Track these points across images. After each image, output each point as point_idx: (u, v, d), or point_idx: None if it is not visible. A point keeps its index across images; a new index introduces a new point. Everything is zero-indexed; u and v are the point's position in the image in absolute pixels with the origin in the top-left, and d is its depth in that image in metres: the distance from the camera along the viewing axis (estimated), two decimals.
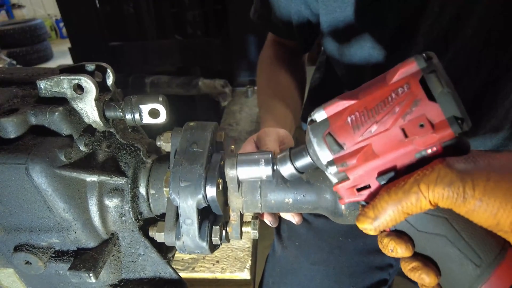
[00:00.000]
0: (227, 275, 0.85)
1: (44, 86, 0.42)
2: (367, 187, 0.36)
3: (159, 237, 0.45)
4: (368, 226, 0.35)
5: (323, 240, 0.80)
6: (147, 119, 0.44)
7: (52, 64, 5.78)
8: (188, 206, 0.42)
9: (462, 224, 0.33)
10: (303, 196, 0.46)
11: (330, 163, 0.36)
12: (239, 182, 0.45)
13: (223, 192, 0.46)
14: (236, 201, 0.46)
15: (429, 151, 0.33)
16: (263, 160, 0.43)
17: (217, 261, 0.87)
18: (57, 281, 0.47)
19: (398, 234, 0.36)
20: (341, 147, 0.36)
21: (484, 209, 0.29)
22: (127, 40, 2.35)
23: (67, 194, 0.41)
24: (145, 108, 0.44)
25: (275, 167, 0.43)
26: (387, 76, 0.35)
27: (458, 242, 0.33)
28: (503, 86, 0.73)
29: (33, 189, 0.40)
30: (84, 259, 0.43)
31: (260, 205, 0.46)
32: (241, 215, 0.48)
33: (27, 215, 0.42)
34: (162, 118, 0.44)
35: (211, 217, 0.46)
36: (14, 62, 3.61)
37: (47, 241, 0.43)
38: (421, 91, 0.33)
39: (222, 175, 0.44)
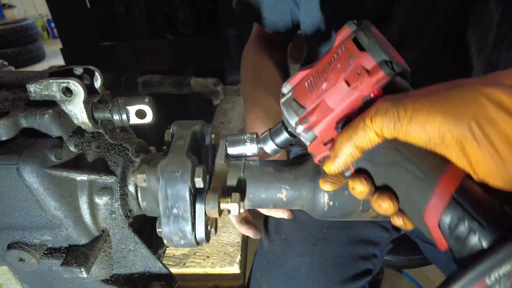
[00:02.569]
0: (217, 270, 0.87)
1: (34, 89, 0.43)
2: (331, 140, 0.42)
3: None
4: (331, 166, 0.40)
5: (308, 232, 0.82)
6: (134, 120, 0.46)
7: (44, 65, 5.74)
8: (182, 246, 0.46)
9: (408, 149, 0.36)
10: (283, 194, 0.48)
11: (297, 123, 0.43)
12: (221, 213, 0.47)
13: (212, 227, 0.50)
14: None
15: (372, 95, 0.39)
16: (249, 139, 0.50)
17: (208, 257, 0.89)
18: (50, 277, 0.49)
19: (356, 173, 0.40)
20: (303, 108, 0.42)
21: (415, 127, 0.33)
22: (119, 40, 2.35)
23: (58, 193, 0.43)
24: (132, 109, 0.45)
25: (259, 145, 0.50)
26: (333, 45, 0.42)
27: (407, 164, 0.36)
28: (479, 75, 0.75)
29: (24, 188, 0.41)
30: (75, 255, 0.45)
31: (242, 205, 0.49)
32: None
33: (20, 214, 0.43)
34: (149, 118, 0.46)
35: None
36: (6, 63, 3.59)
37: (39, 239, 0.45)
38: (354, 46, 0.39)
39: (207, 214, 0.45)
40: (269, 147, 0.50)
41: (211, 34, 2.34)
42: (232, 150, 0.50)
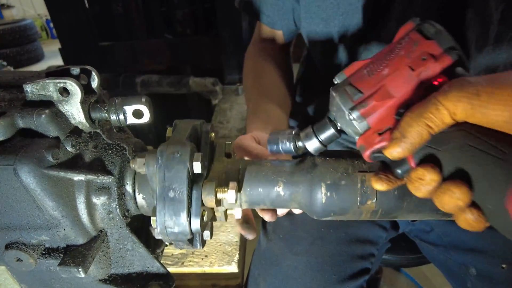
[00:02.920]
0: (215, 269, 0.87)
1: (31, 89, 0.43)
2: (388, 130, 0.39)
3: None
4: (397, 148, 0.36)
5: (305, 231, 0.83)
6: (131, 120, 0.46)
7: (43, 65, 5.73)
8: (178, 241, 0.44)
9: (481, 131, 0.34)
10: (280, 187, 0.48)
11: (352, 108, 0.40)
12: (218, 204, 0.46)
13: (208, 214, 0.47)
14: (219, 208, 0.48)
15: (436, 82, 0.37)
16: (289, 137, 0.49)
17: (206, 256, 0.90)
18: (48, 277, 0.49)
19: (422, 162, 0.37)
20: (360, 92, 0.40)
21: (495, 104, 0.31)
22: (117, 40, 2.35)
23: (55, 193, 0.43)
24: (129, 109, 0.45)
25: (297, 144, 0.48)
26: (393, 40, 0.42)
27: (480, 145, 0.33)
28: (478, 75, 0.75)
29: (22, 189, 0.41)
30: (73, 255, 0.45)
31: (240, 203, 0.49)
32: (225, 211, 0.50)
33: (17, 214, 0.43)
34: (146, 118, 0.46)
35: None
36: (5, 63, 3.58)
37: (37, 239, 0.45)
38: (419, 35, 0.39)
39: (203, 205, 0.45)
40: (313, 144, 0.46)
41: (209, 33, 2.34)
42: (271, 148, 0.49)
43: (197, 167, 0.43)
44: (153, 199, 0.49)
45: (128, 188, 0.49)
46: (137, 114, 0.46)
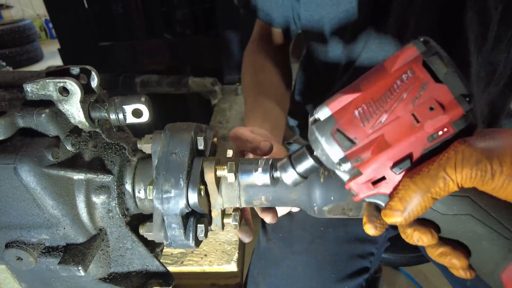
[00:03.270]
0: (215, 268, 0.87)
1: (31, 89, 0.43)
2: (382, 179, 0.35)
3: (149, 236, 0.48)
4: (398, 219, 0.34)
5: (305, 230, 0.83)
6: (130, 119, 0.46)
7: (42, 65, 5.73)
8: (172, 214, 0.43)
9: (486, 201, 0.33)
10: (278, 198, 0.48)
11: (343, 160, 0.35)
12: (218, 184, 0.47)
13: (206, 195, 0.47)
14: (217, 200, 0.48)
15: (440, 132, 0.33)
16: (260, 168, 0.45)
17: (205, 255, 0.90)
18: (48, 275, 0.49)
19: (420, 222, 0.35)
20: (352, 142, 0.35)
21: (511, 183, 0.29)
22: (117, 40, 2.35)
23: (55, 192, 0.43)
24: (128, 108, 0.46)
25: (273, 175, 0.44)
26: (386, 65, 0.35)
27: (485, 218, 0.32)
28: (478, 74, 0.75)
29: (22, 187, 0.41)
30: (73, 253, 0.45)
31: (239, 202, 0.49)
32: (223, 211, 0.50)
33: (17, 213, 0.43)
34: (145, 117, 0.46)
35: (197, 215, 0.48)
36: (4, 63, 3.59)
37: (37, 238, 0.45)
38: (427, 74, 0.33)
39: (203, 180, 0.46)
40: (290, 176, 0.41)
41: (209, 33, 2.34)
42: (243, 180, 0.45)
43: (200, 143, 0.46)
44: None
45: (128, 187, 0.50)
46: (137, 113, 0.46)
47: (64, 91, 0.43)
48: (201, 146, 0.46)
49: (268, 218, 0.55)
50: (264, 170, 0.44)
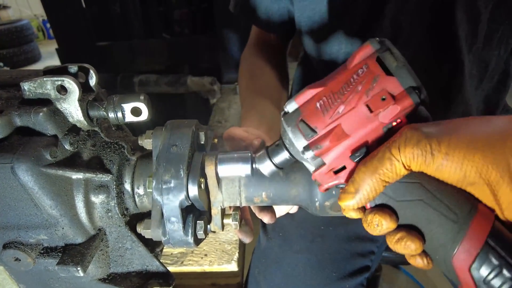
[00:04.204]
0: (215, 268, 0.87)
1: (28, 87, 0.43)
2: (343, 168, 0.38)
3: (146, 234, 0.47)
4: (351, 202, 0.36)
5: (305, 229, 0.83)
6: (129, 118, 0.46)
7: (40, 65, 5.71)
8: (171, 206, 0.43)
9: (435, 186, 0.35)
10: (280, 195, 0.48)
11: (306, 148, 0.38)
12: (218, 180, 0.47)
13: (206, 190, 0.47)
14: (216, 197, 0.48)
15: (394, 123, 0.36)
16: (242, 158, 0.45)
17: (205, 255, 0.89)
18: (47, 276, 0.48)
19: (379, 208, 0.37)
20: (314, 131, 0.38)
21: (451, 163, 0.32)
22: (115, 40, 2.35)
23: (53, 191, 0.42)
24: (127, 106, 0.45)
25: (254, 166, 0.45)
26: (347, 62, 0.38)
27: (434, 202, 0.34)
28: (470, 72, 0.75)
29: (19, 187, 0.41)
30: (72, 254, 0.44)
31: (239, 199, 0.48)
32: (223, 210, 0.50)
33: (15, 213, 0.43)
34: (144, 116, 0.46)
35: (196, 212, 0.47)
36: (1, 64, 3.58)
37: (35, 238, 0.45)
38: (379, 68, 0.36)
39: (204, 174, 0.46)
40: (267, 167, 0.44)
41: (207, 33, 2.33)
42: (222, 171, 0.46)
43: (202, 137, 0.47)
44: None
45: (127, 186, 0.49)
46: (136, 112, 0.46)
47: (62, 89, 0.43)
48: (202, 141, 0.47)
49: (266, 218, 0.55)
50: (245, 161, 0.45)
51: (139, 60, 2.33)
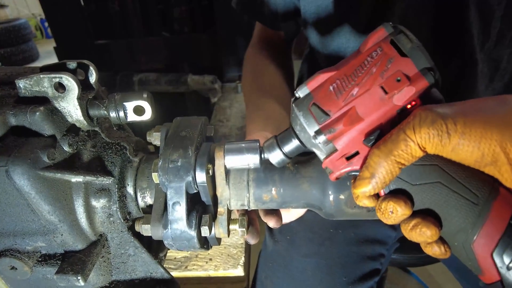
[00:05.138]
0: (220, 273, 0.84)
1: (24, 85, 0.40)
2: (355, 154, 0.37)
3: (145, 230, 0.44)
4: (366, 187, 0.35)
5: (313, 232, 0.80)
6: (132, 117, 0.43)
7: (38, 65, 5.66)
8: (177, 188, 0.41)
9: (452, 167, 0.34)
10: (290, 191, 0.46)
11: (318, 132, 0.37)
12: (226, 172, 0.45)
13: (212, 180, 0.45)
14: (224, 192, 0.46)
15: (409, 106, 0.35)
16: (250, 148, 0.44)
17: (210, 259, 0.87)
18: (45, 285, 0.46)
19: (394, 194, 0.36)
20: (327, 114, 0.37)
21: (468, 142, 0.31)
22: (114, 38, 2.32)
23: (51, 196, 0.40)
24: (130, 105, 0.43)
25: (262, 156, 0.43)
26: (360, 47, 0.38)
27: (453, 184, 0.33)
28: (482, 70, 0.74)
29: (15, 192, 0.38)
30: (71, 262, 0.42)
31: (247, 196, 0.46)
32: (229, 211, 0.47)
33: (10, 219, 0.40)
34: (148, 115, 0.43)
35: (200, 208, 0.45)
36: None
37: (32, 245, 0.42)
38: (393, 50, 0.35)
39: (212, 162, 0.44)
40: (276, 156, 0.42)
41: (207, 31, 2.31)
42: (230, 161, 0.44)
43: (210, 130, 0.48)
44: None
45: (129, 189, 0.47)
46: (138, 110, 0.43)
47: (60, 87, 0.40)
48: (211, 133, 0.48)
49: (272, 222, 0.53)
50: (253, 151, 0.44)
51: (139, 58, 2.30)
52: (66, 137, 0.42)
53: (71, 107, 0.41)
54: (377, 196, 0.37)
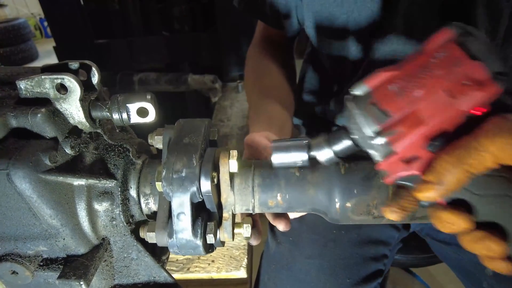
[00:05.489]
0: (223, 275, 0.84)
1: (25, 86, 0.39)
2: (415, 158, 0.35)
3: (150, 237, 0.43)
4: (432, 193, 0.33)
5: (317, 233, 0.80)
6: (135, 119, 0.42)
7: (37, 64, 5.65)
8: (182, 198, 0.40)
9: None
10: (296, 197, 0.45)
11: (377, 133, 0.35)
12: (231, 178, 0.44)
13: (217, 188, 0.44)
14: (228, 198, 0.45)
15: (479, 112, 0.33)
16: (297, 146, 0.43)
17: (213, 261, 0.86)
18: None
19: (455, 206, 0.34)
20: (387, 115, 0.35)
21: None
22: (113, 37, 2.31)
23: (53, 199, 0.39)
24: (133, 107, 0.42)
25: (309, 153, 0.42)
26: (424, 46, 0.36)
27: None
28: None
29: (16, 195, 0.38)
30: (74, 266, 0.41)
31: (252, 202, 0.45)
32: (233, 216, 0.47)
33: (11, 223, 0.40)
34: (151, 117, 0.42)
35: (205, 216, 0.44)
36: None
37: (34, 249, 0.42)
38: (461, 52, 0.33)
39: (217, 169, 0.43)
40: (325, 155, 0.41)
41: (207, 30, 2.30)
42: (277, 159, 0.43)
43: (214, 134, 0.47)
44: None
45: (133, 192, 0.46)
46: (142, 112, 0.42)
47: (62, 88, 0.39)
48: (214, 137, 0.47)
49: (281, 226, 0.52)
50: (301, 149, 0.43)
51: (139, 58, 2.29)
52: (68, 139, 0.41)
53: (73, 109, 0.41)
54: (410, 204, 0.36)
